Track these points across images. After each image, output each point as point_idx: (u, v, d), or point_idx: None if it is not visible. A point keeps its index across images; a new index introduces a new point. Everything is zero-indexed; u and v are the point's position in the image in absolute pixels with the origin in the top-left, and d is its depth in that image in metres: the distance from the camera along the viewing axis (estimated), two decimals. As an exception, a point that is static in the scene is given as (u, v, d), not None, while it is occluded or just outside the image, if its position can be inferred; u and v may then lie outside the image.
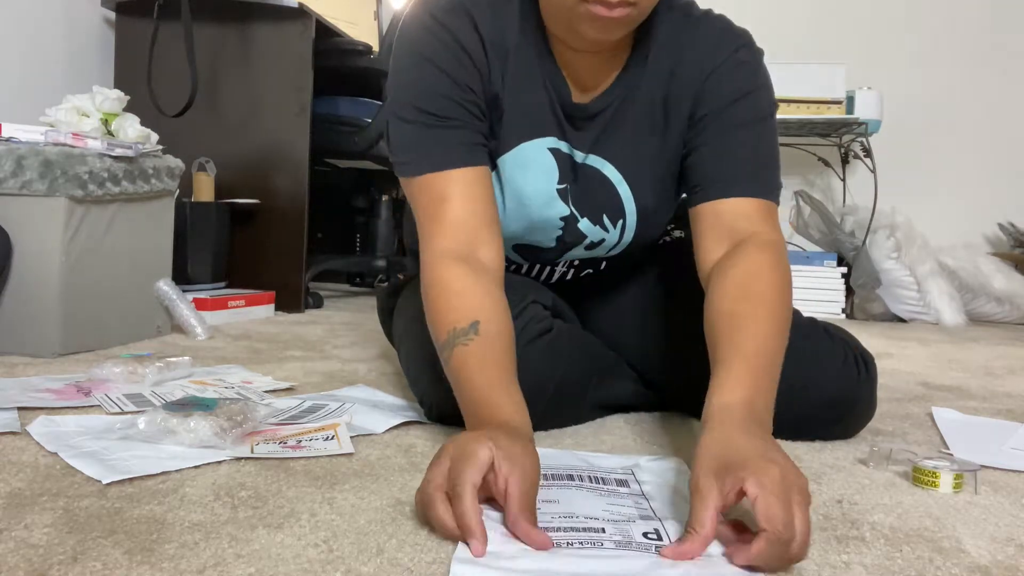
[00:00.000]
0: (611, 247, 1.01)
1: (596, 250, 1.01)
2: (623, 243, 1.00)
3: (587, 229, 0.98)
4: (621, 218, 0.98)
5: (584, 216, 0.97)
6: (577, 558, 0.56)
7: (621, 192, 0.96)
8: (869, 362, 0.94)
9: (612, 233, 0.99)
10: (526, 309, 0.93)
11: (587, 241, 0.99)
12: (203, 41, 2.00)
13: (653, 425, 0.99)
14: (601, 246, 1.00)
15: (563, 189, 0.95)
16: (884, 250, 2.53)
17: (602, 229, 0.98)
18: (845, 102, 2.60)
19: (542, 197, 0.94)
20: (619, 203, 0.97)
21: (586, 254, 1.02)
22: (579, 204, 0.96)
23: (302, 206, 2.02)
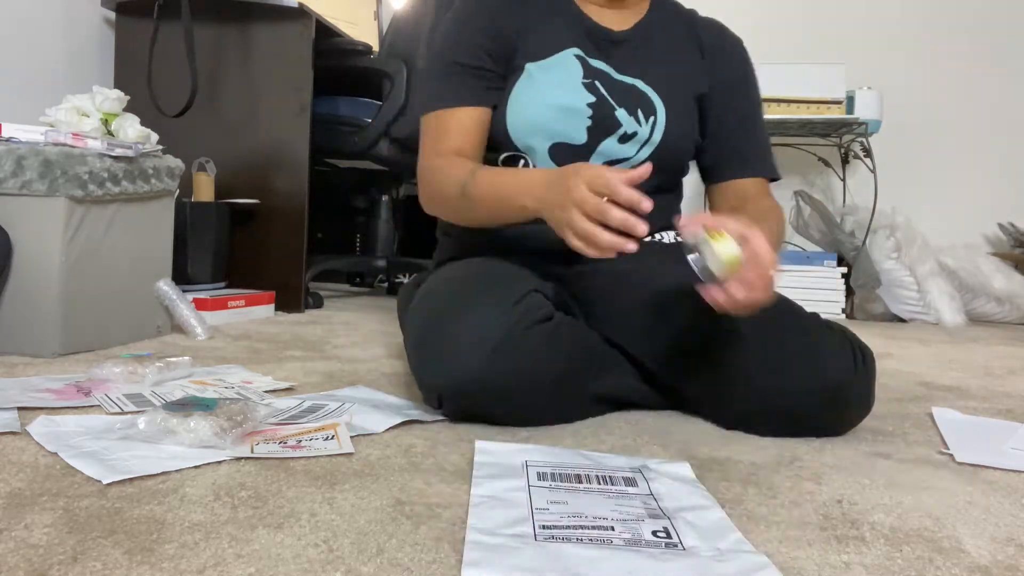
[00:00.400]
0: (642, 142, 1.10)
1: (628, 145, 1.09)
2: (652, 141, 1.10)
3: (623, 118, 1.08)
4: (652, 115, 1.10)
5: (621, 107, 1.09)
6: (586, 555, 0.56)
7: (653, 98, 1.10)
8: (867, 354, 0.95)
9: (644, 127, 1.09)
10: (527, 296, 0.94)
11: (621, 131, 1.08)
12: (203, 41, 2.00)
13: (654, 424, 0.99)
14: (634, 140, 1.09)
15: (588, 83, 1.08)
16: (884, 250, 2.53)
17: (636, 121, 1.09)
18: (845, 102, 2.59)
19: (569, 85, 1.08)
20: (651, 104, 1.10)
21: (619, 150, 1.09)
22: (613, 96, 1.09)
23: (302, 206, 2.02)
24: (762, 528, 0.65)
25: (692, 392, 1.01)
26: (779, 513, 0.68)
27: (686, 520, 0.63)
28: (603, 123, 1.07)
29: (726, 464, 0.83)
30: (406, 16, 2.21)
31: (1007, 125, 2.89)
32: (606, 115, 1.08)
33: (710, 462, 0.83)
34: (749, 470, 0.81)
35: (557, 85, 1.07)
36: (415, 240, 2.80)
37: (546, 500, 0.66)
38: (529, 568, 0.53)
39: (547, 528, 0.60)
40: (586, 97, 1.07)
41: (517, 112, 1.08)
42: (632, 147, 1.10)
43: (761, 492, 0.74)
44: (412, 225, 2.84)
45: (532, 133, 1.09)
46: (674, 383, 1.03)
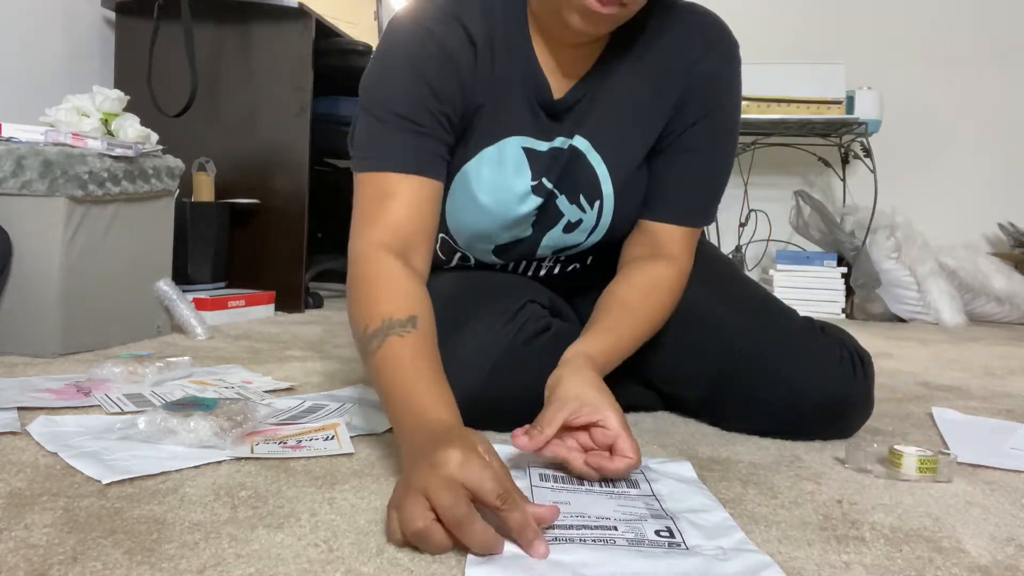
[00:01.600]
0: (589, 230, 1.00)
1: (574, 234, 1.00)
2: (601, 227, 1.00)
3: (564, 207, 0.98)
4: (598, 199, 0.98)
5: (563, 194, 0.97)
6: (589, 555, 0.56)
7: (599, 172, 0.97)
8: (866, 360, 0.94)
9: (589, 214, 0.99)
10: (523, 308, 0.93)
11: (564, 221, 0.99)
12: (203, 41, 2.00)
13: (654, 425, 0.99)
14: (579, 228, 1.00)
15: (537, 185, 0.95)
16: (884, 250, 2.53)
17: (579, 209, 0.98)
18: (845, 102, 2.60)
19: (516, 193, 0.95)
20: (596, 183, 0.97)
21: (565, 239, 1.01)
22: (558, 184, 0.97)
23: (302, 206, 2.02)
24: (762, 528, 0.65)
25: (690, 399, 1.01)
26: (779, 513, 0.68)
27: (689, 520, 0.64)
28: (547, 217, 0.98)
29: (726, 464, 0.83)
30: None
31: (1007, 125, 2.89)
32: (549, 208, 0.98)
33: (710, 462, 0.83)
34: (749, 470, 0.81)
35: (503, 194, 0.94)
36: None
37: (549, 501, 0.66)
38: (532, 568, 0.53)
39: (550, 530, 0.60)
40: (534, 201, 0.96)
41: (460, 218, 0.97)
42: (580, 235, 1.01)
43: (761, 492, 0.74)
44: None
45: (474, 239, 1.00)
46: (672, 390, 1.03)
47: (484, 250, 1.02)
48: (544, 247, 1.02)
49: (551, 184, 0.96)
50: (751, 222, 2.93)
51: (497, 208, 0.95)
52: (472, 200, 0.95)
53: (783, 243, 2.94)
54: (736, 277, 1.07)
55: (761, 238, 2.98)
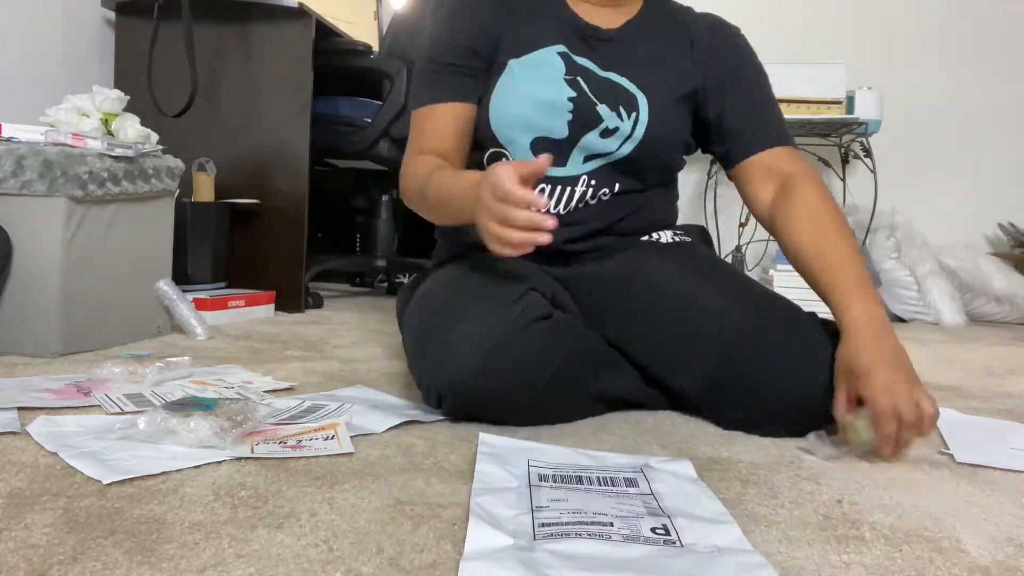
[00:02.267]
0: (624, 138, 1.08)
1: (610, 140, 1.08)
2: (635, 137, 1.08)
3: (604, 113, 1.07)
4: (635, 111, 1.08)
5: (602, 102, 1.08)
6: (584, 550, 0.56)
7: (635, 93, 1.10)
8: None
9: (626, 123, 1.08)
10: (525, 295, 0.94)
11: (602, 125, 1.07)
12: (203, 41, 2.00)
13: (654, 424, 0.99)
14: (615, 136, 1.08)
15: (571, 79, 1.08)
16: (884, 250, 2.53)
17: (617, 117, 1.08)
18: (845, 102, 2.59)
19: (551, 79, 1.08)
20: (634, 100, 1.09)
21: (599, 144, 1.08)
22: (595, 91, 1.08)
23: (302, 206, 2.02)
24: (762, 528, 0.65)
25: (691, 393, 1.01)
26: (779, 513, 0.68)
27: (686, 518, 0.64)
28: (584, 118, 1.07)
29: (726, 464, 0.83)
30: (406, 16, 2.21)
31: (1007, 125, 2.89)
32: (587, 110, 1.07)
33: (710, 462, 0.83)
34: (749, 470, 0.81)
35: (538, 81, 1.08)
36: (415, 240, 2.80)
37: (547, 498, 0.66)
38: (528, 564, 0.53)
39: (546, 526, 0.60)
40: (567, 92, 1.08)
41: (499, 107, 1.09)
42: (614, 142, 1.09)
43: (761, 492, 0.74)
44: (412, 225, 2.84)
45: (513, 128, 1.09)
46: (673, 384, 1.03)
47: (523, 145, 1.10)
48: (579, 149, 1.09)
49: (586, 87, 1.09)
50: (751, 222, 2.93)
51: (533, 90, 1.08)
52: (512, 87, 1.09)
53: (783, 243, 2.94)
54: (737, 274, 1.09)
55: (761, 238, 2.98)
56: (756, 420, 0.95)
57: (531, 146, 1.09)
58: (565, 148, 1.09)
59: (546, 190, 1.11)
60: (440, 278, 1.04)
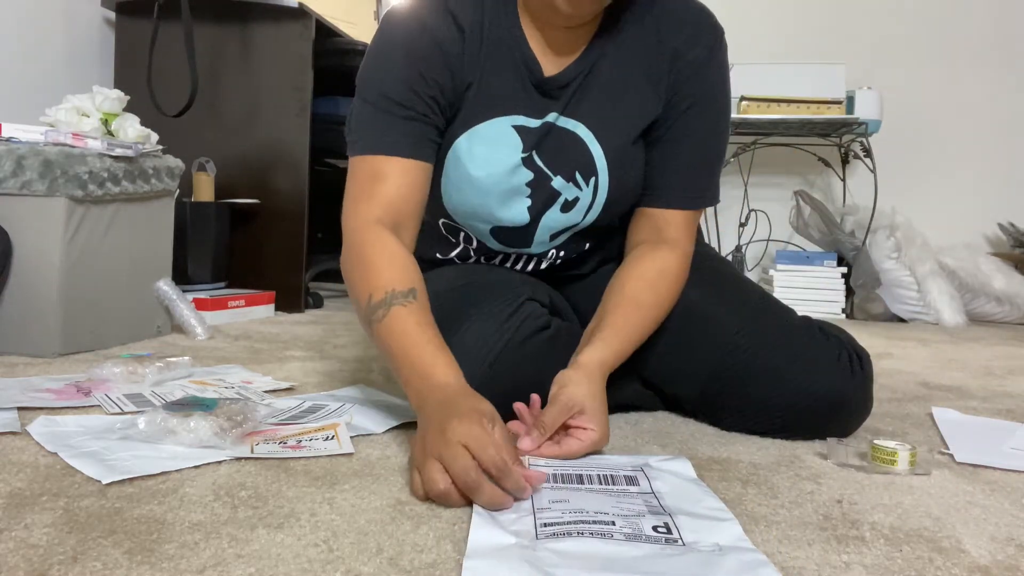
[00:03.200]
0: (586, 208, 1.00)
1: (572, 213, 1.00)
2: (597, 204, 1.00)
3: (560, 186, 0.98)
4: (593, 175, 0.99)
5: (557, 174, 0.98)
6: (586, 549, 0.56)
7: (593, 151, 0.98)
8: (864, 358, 0.94)
9: (586, 191, 0.99)
10: (523, 305, 0.93)
11: (562, 199, 0.99)
12: (203, 41, 2.00)
13: (654, 424, 0.99)
14: (577, 207, 1.00)
15: (527, 157, 0.97)
16: (884, 250, 2.53)
17: (575, 186, 0.99)
18: (845, 102, 2.59)
19: (507, 166, 0.96)
20: (591, 160, 0.98)
21: (563, 219, 1.01)
22: (551, 164, 0.98)
23: (302, 206, 2.02)
24: (762, 528, 0.65)
25: (688, 401, 1.01)
26: (779, 513, 0.68)
27: (687, 516, 0.64)
28: (543, 198, 0.99)
29: (726, 464, 0.83)
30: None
31: (1007, 125, 2.89)
32: (545, 189, 0.98)
33: (710, 462, 0.83)
34: (749, 470, 0.81)
35: (495, 164, 0.96)
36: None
37: (548, 500, 0.66)
38: (531, 562, 0.53)
39: (548, 526, 0.60)
40: (525, 176, 0.97)
41: (455, 196, 0.98)
42: (577, 214, 1.00)
43: (761, 492, 0.74)
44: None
45: (471, 218, 1.00)
46: (670, 392, 1.03)
47: (483, 231, 1.02)
48: (543, 229, 1.02)
49: (541, 161, 0.98)
50: (751, 222, 2.93)
51: (489, 181, 0.96)
52: (465, 176, 0.96)
53: (783, 243, 2.94)
54: (734, 277, 1.07)
55: (761, 238, 2.98)
56: (753, 427, 0.95)
57: (491, 232, 1.02)
58: (529, 231, 1.02)
59: (511, 257, 1.07)
60: (434, 290, 0.94)
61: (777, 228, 2.96)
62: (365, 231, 0.88)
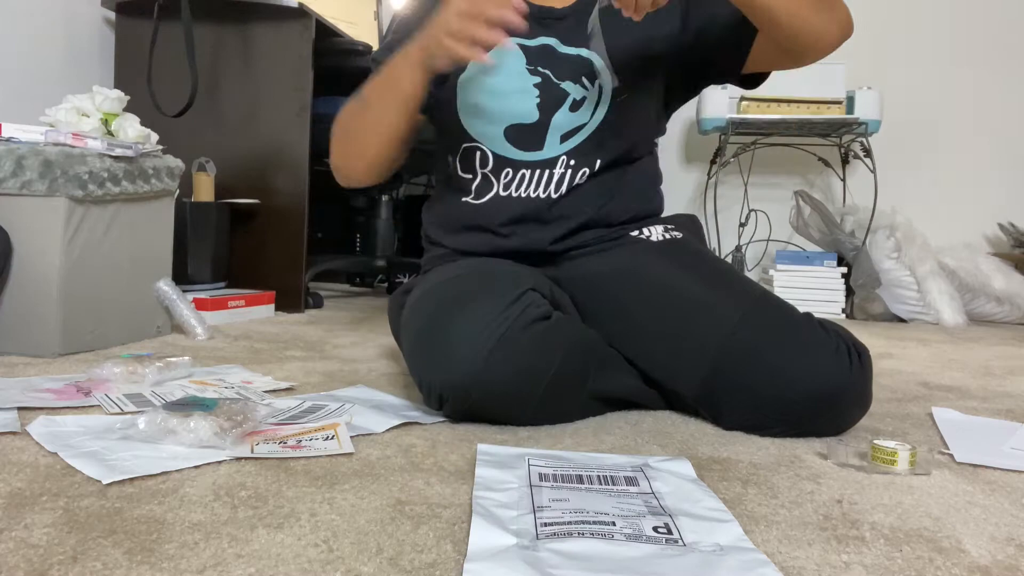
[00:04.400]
0: (594, 104, 1.10)
1: (580, 112, 1.10)
2: (604, 100, 1.10)
3: (568, 88, 1.09)
4: (597, 78, 1.10)
5: (564, 80, 1.10)
6: (587, 550, 0.56)
7: (595, 63, 1.11)
8: (862, 353, 0.95)
9: (591, 91, 1.10)
10: (524, 295, 0.94)
11: (569, 100, 1.09)
12: (203, 41, 2.00)
13: (654, 424, 0.99)
14: (584, 105, 1.10)
15: (532, 68, 1.10)
16: (884, 250, 2.53)
17: (581, 88, 1.10)
18: (845, 102, 2.60)
19: (513, 70, 1.10)
20: (592, 68, 1.10)
21: (572, 118, 1.10)
22: (558, 71, 1.10)
23: (302, 206, 2.02)
24: (762, 528, 0.65)
25: (689, 396, 1.01)
26: (779, 513, 0.68)
27: (688, 517, 0.64)
28: (551, 98, 1.10)
29: (726, 464, 0.83)
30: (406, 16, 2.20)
31: (1007, 125, 2.89)
32: (553, 90, 1.10)
33: (710, 462, 0.83)
34: (749, 470, 0.81)
35: (501, 72, 1.10)
36: (415, 240, 2.80)
37: (548, 499, 0.66)
38: (532, 563, 0.54)
39: (548, 525, 0.60)
40: (531, 79, 1.10)
41: (466, 102, 1.12)
42: (586, 112, 1.11)
43: (761, 492, 0.74)
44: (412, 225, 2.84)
45: (483, 119, 1.12)
46: (671, 387, 1.03)
47: (496, 135, 1.12)
48: (553, 129, 1.10)
49: (547, 70, 1.10)
50: (751, 222, 2.93)
51: (498, 84, 1.09)
52: (477, 85, 1.11)
53: (783, 243, 2.94)
54: (733, 273, 1.08)
55: (761, 238, 2.98)
56: (754, 422, 0.95)
57: (505, 134, 1.11)
58: (539, 131, 1.11)
59: (525, 176, 1.13)
60: (435, 280, 1.02)
61: (777, 228, 2.96)
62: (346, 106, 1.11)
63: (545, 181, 1.12)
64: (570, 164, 1.11)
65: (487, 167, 1.14)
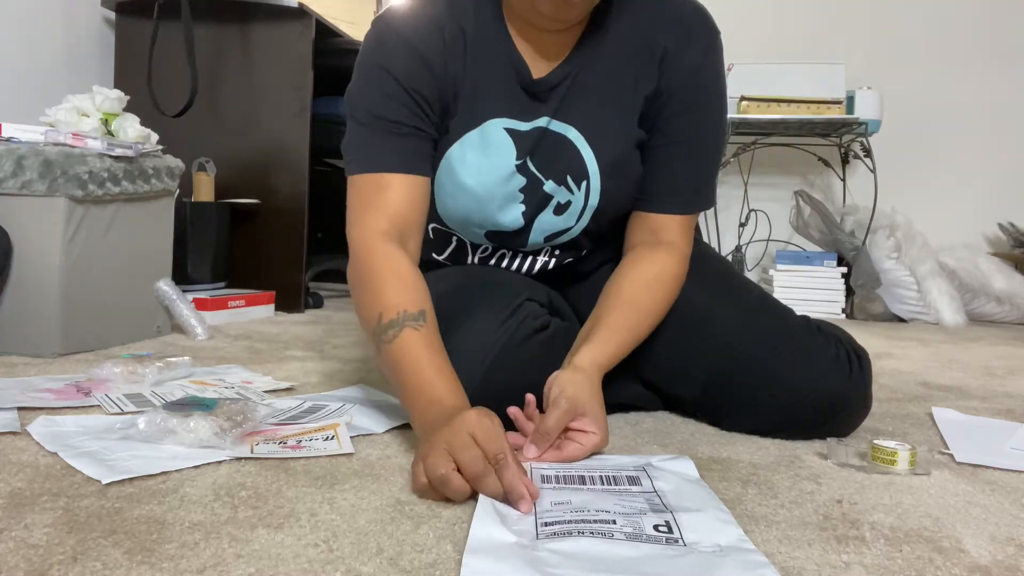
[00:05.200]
0: (579, 212, 1.00)
1: (565, 216, 1.00)
2: (589, 208, 1.00)
3: (552, 190, 0.98)
4: (585, 179, 0.98)
5: (549, 179, 0.98)
6: (587, 548, 0.56)
7: (584, 154, 0.97)
8: (862, 357, 0.95)
9: (578, 195, 0.99)
10: (521, 306, 0.92)
11: (554, 203, 0.99)
12: (203, 41, 2.00)
13: (654, 425, 0.99)
14: (569, 211, 1.00)
15: (521, 164, 0.97)
16: (884, 250, 2.53)
17: (567, 190, 0.99)
18: (845, 102, 2.60)
19: (501, 173, 0.96)
20: (582, 164, 0.98)
21: (556, 223, 1.01)
22: (543, 168, 0.97)
23: (302, 206, 2.02)
24: (762, 528, 0.65)
25: (688, 401, 1.01)
26: (779, 513, 0.68)
27: (688, 515, 0.64)
28: (536, 202, 0.99)
29: (726, 464, 0.83)
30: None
31: (1007, 125, 2.89)
32: (537, 194, 0.98)
33: (710, 462, 0.83)
34: (749, 470, 0.81)
35: (488, 171, 0.95)
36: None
37: (550, 501, 0.66)
38: (530, 562, 0.53)
39: (549, 525, 0.60)
40: (518, 182, 0.97)
41: (448, 203, 0.98)
42: (570, 217, 1.00)
43: (761, 492, 0.74)
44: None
45: (466, 223, 1.01)
46: (670, 392, 1.03)
47: (477, 235, 1.03)
48: (536, 232, 1.01)
49: (534, 166, 0.97)
50: (751, 222, 2.93)
51: (482, 190, 0.96)
52: (458, 184, 0.96)
53: (783, 243, 2.94)
54: (733, 277, 1.07)
55: (761, 238, 2.98)
56: (753, 426, 0.95)
57: (486, 236, 1.03)
58: (523, 234, 1.02)
59: (506, 255, 1.07)
60: (433, 287, 0.94)
61: (777, 228, 2.96)
62: (372, 245, 0.87)
63: (528, 264, 1.07)
64: (555, 253, 1.06)
65: (464, 253, 1.07)
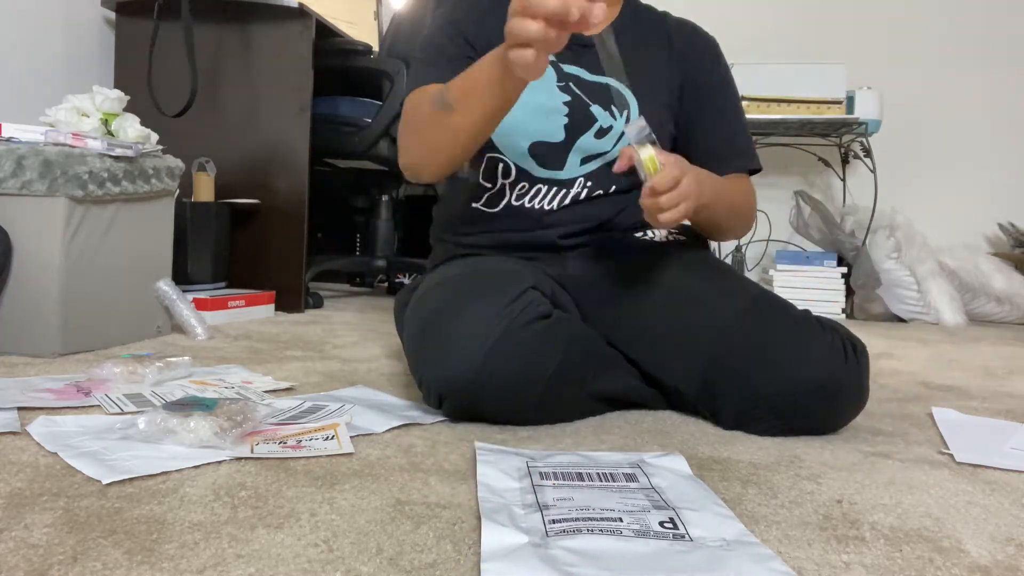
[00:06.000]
0: (618, 136, 1.13)
1: (604, 140, 1.12)
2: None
3: (598, 113, 1.12)
4: (626, 108, 1.14)
5: (594, 103, 1.12)
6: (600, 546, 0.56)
7: (625, 93, 1.14)
8: (858, 346, 0.95)
9: (619, 121, 1.13)
10: (525, 293, 0.94)
11: (597, 126, 1.12)
12: (203, 41, 2.00)
13: (654, 424, 0.99)
14: (609, 134, 1.12)
15: (563, 86, 1.12)
16: (884, 250, 2.53)
17: (610, 115, 1.13)
18: (845, 102, 2.60)
19: (544, 87, 1.11)
20: (623, 98, 1.14)
21: (595, 144, 1.12)
22: (588, 94, 1.13)
23: (302, 206, 2.02)
24: (762, 528, 0.65)
25: (687, 392, 1.01)
26: (779, 513, 0.68)
27: (689, 512, 0.64)
28: (579, 119, 1.11)
29: (726, 464, 0.83)
30: (406, 16, 2.21)
31: (1007, 125, 2.89)
32: (582, 112, 1.12)
33: (710, 462, 0.83)
34: (749, 470, 0.81)
35: (533, 88, 1.04)
36: (415, 240, 2.80)
37: (552, 497, 0.66)
38: (547, 561, 0.53)
39: (557, 522, 0.60)
40: (561, 96, 1.12)
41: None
42: (609, 141, 1.13)
43: (761, 492, 0.74)
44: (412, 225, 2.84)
45: (511, 133, 1.12)
46: (669, 384, 1.03)
47: (521, 149, 1.13)
48: (576, 151, 1.12)
49: (578, 90, 1.12)
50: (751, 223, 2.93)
51: (528, 96, 1.04)
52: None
53: (783, 243, 2.94)
54: (732, 272, 1.10)
55: (761, 238, 2.98)
56: (751, 417, 0.95)
57: (529, 150, 1.11)
58: (562, 151, 1.12)
59: (540, 190, 1.14)
60: (438, 278, 1.03)
61: (777, 228, 2.96)
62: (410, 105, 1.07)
63: (560, 198, 1.14)
64: (587, 185, 1.14)
65: (508, 178, 1.15)
